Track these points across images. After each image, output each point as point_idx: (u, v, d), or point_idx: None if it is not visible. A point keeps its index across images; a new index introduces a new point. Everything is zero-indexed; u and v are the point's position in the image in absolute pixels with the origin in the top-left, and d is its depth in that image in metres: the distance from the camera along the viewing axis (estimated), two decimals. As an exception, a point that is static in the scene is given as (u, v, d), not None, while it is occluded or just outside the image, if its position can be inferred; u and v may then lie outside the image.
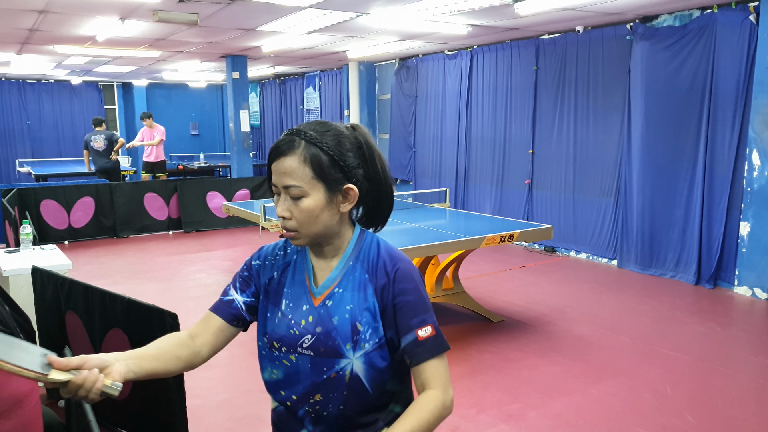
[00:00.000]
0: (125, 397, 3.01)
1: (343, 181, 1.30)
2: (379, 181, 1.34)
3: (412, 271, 1.31)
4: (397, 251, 1.35)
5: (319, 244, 1.35)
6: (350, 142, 1.32)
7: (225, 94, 16.30)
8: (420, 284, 1.30)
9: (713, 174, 5.82)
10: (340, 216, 1.33)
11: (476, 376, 3.97)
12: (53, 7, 5.72)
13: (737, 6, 5.51)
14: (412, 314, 1.27)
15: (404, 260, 1.32)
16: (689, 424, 3.31)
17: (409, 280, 1.29)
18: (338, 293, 1.32)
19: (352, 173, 1.30)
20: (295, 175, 1.27)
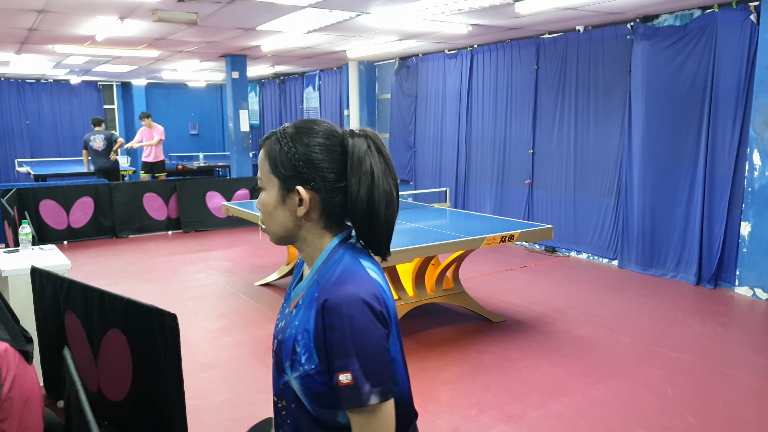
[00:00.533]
0: (124, 397, 3.00)
1: (295, 182, 1.22)
2: (355, 200, 1.21)
3: (342, 307, 1.12)
4: (346, 279, 1.17)
5: (299, 248, 1.30)
6: (326, 143, 1.22)
7: (224, 93, 16.29)
8: (350, 322, 1.11)
9: (714, 174, 5.81)
10: (301, 221, 1.25)
11: (476, 376, 3.96)
12: (52, 6, 5.70)
13: (738, 5, 5.50)
14: (335, 354, 1.12)
15: (342, 293, 1.14)
16: (690, 425, 3.30)
17: (335, 316, 1.12)
18: (299, 305, 1.24)
19: (309, 175, 1.21)
20: (260, 167, 1.27)
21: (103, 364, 3.09)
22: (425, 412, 3.50)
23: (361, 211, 1.21)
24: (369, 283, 1.18)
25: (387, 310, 1.19)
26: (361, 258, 1.24)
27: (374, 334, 1.13)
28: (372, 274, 1.21)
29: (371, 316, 1.13)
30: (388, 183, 1.23)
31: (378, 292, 1.17)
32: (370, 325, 1.13)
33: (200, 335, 4.75)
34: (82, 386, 1.91)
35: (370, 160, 1.21)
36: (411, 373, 4.22)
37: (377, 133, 1.37)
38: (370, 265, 1.24)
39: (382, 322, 1.15)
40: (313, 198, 1.22)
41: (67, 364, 2.13)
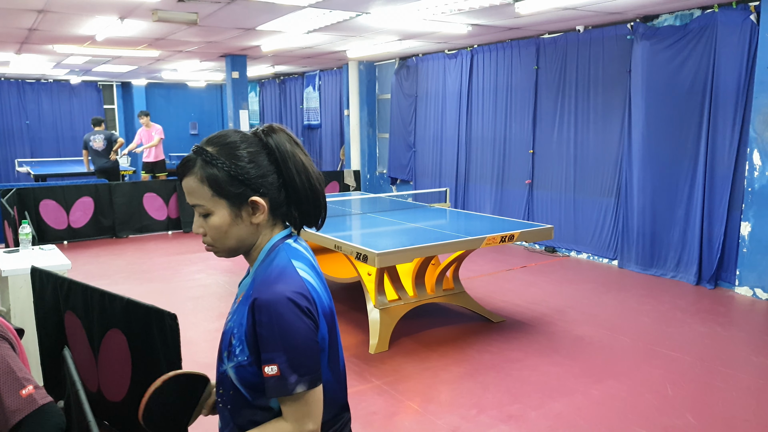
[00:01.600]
0: (124, 397, 3.00)
1: (247, 194, 1.28)
2: (295, 187, 1.31)
3: (270, 305, 1.21)
4: (276, 279, 1.25)
5: (249, 253, 1.36)
6: (252, 151, 1.29)
7: (224, 93, 16.29)
8: (277, 319, 1.20)
9: (714, 174, 5.81)
10: (257, 227, 1.32)
11: (476, 376, 3.96)
12: (53, 6, 5.70)
13: (738, 5, 5.50)
14: (263, 348, 1.21)
15: (270, 292, 1.22)
16: (690, 425, 3.30)
17: (264, 313, 1.21)
18: (239, 301, 1.33)
19: (256, 184, 1.28)
20: (196, 194, 1.29)
21: (103, 364, 3.09)
22: (425, 412, 3.50)
23: (308, 197, 1.32)
24: (297, 282, 1.25)
25: (315, 306, 1.26)
26: (294, 258, 1.30)
27: (300, 329, 1.21)
28: (302, 273, 1.28)
29: (297, 312, 1.21)
30: (314, 165, 1.35)
31: (306, 290, 1.25)
32: (296, 321, 1.21)
33: (200, 335, 4.75)
34: (82, 386, 1.91)
35: (296, 151, 1.32)
36: (411, 373, 4.22)
37: (377, 133, 1.38)
38: (301, 265, 1.30)
39: (308, 317, 1.22)
40: (265, 202, 1.30)
41: (67, 364, 2.13)
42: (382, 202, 6.75)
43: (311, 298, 1.25)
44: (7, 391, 1.66)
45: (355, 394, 3.72)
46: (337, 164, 12.03)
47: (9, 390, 1.66)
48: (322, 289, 1.32)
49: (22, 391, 1.68)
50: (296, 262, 1.29)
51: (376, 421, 3.41)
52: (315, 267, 1.35)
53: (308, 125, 13.05)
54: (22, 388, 1.68)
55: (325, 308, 1.30)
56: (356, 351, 4.41)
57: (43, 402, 1.70)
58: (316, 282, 1.31)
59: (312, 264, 1.35)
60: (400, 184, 10.47)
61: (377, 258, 3.85)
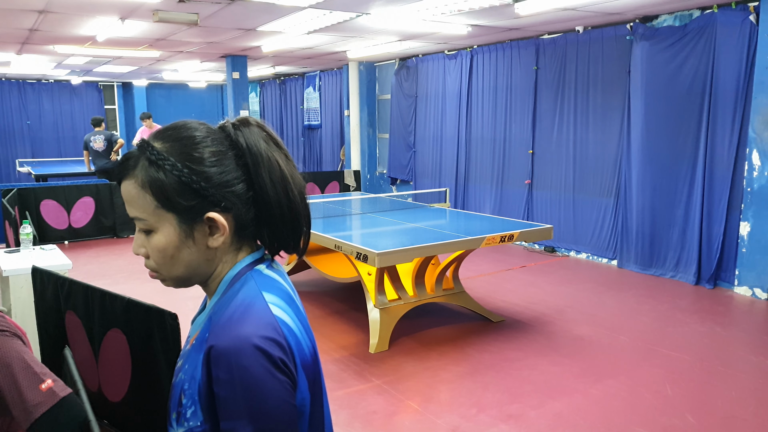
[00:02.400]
0: (124, 396, 3.01)
1: (204, 209, 0.96)
2: (268, 202, 0.98)
3: (231, 355, 0.88)
4: (240, 318, 0.92)
5: (206, 284, 1.05)
6: (215, 150, 0.97)
7: (225, 94, 16.30)
8: (240, 375, 0.88)
9: (713, 174, 5.82)
10: (215, 251, 1.00)
11: (476, 376, 3.97)
12: (53, 7, 5.72)
13: (737, 6, 5.51)
14: (222, 415, 0.90)
15: (231, 337, 0.90)
16: (689, 424, 3.31)
17: (222, 367, 0.89)
18: (191, 344, 1.01)
19: (217, 195, 0.96)
20: (136, 204, 0.99)
21: (104, 364, 3.11)
22: (425, 411, 3.51)
23: (284, 215, 1.00)
24: (267, 322, 0.93)
25: (293, 356, 0.94)
26: (265, 290, 0.98)
27: (272, 389, 0.89)
28: (276, 311, 0.96)
29: (267, 365, 0.89)
30: (295, 171, 1.02)
31: (280, 334, 0.93)
32: (265, 378, 0.89)
33: (201, 335, 4.75)
34: (83, 386, 1.92)
35: (274, 154, 0.99)
36: (411, 373, 4.23)
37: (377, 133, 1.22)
38: (275, 299, 0.98)
39: (283, 371, 0.91)
40: (227, 220, 0.98)
41: (68, 364, 2.14)
42: (382, 202, 6.76)
43: (287, 345, 0.93)
44: (28, 386, 1.68)
45: (355, 394, 3.73)
46: (337, 164, 12.04)
47: (29, 385, 1.68)
48: (302, 333, 0.99)
49: (41, 385, 1.70)
50: (269, 296, 0.97)
51: (376, 421, 3.42)
52: (295, 301, 1.02)
53: (308, 125, 13.06)
54: (42, 382, 1.70)
55: (306, 358, 0.98)
56: (356, 351, 4.42)
57: (63, 394, 1.72)
58: (295, 323, 0.98)
59: (290, 297, 1.02)
60: (400, 184, 10.48)
61: (377, 258, 3.87)
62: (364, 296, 4.73)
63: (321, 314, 5.23)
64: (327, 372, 4.05)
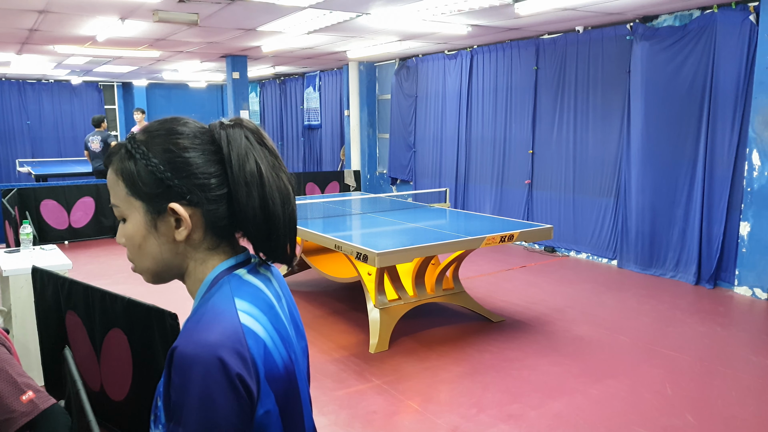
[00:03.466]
0: (125, 397, 3.01)
1: (168, 199, 0.96)
2: (245, 207, 0.95)
3: (187, 361, 0.86)
4: (206, 324, 0.90)
5: (184, 282, 1.03)
6: (200, 144, 0.97)
7: (225, 94, 16.30)
8: (191, 383, 0.85)
9: (713, 174, 5.82)
10: (181, 246, 0.98)
11: (476, 376, 3.97)
12: (53, 7, 5.72)
13: (737, 6, 5.51)
14: (168, 415, 0.88)
15: (191, 342, 0.87)
16: (689, 424, 3.31)
17: (178, 371, 0.86)
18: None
19: (183, 187, 0.95)
20: (112, 191, 1.00)
21: (105, 364, 3.11)
22: (425, 411, 3.51)
23: (256, 218, 0.96)
24: (232, 331, 0.89)
25: (256, 370, 0.89)
26: (239, 296, 0.95)
27: (219, 405, 0.85)
28: (245, 319, 0.92)
29: (221, 379, 0.85)
30: (281, 178, 0.98)
31: (243, 346, 0.88)
32: (216, 392, 0.85)
33: (201, 335, 4.75)
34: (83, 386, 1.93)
35: (254, 154, 0.97)
36: (411, 373, 4.21)
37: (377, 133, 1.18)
38: (248, 306, 0.94)
39: (236, 388, 0.86)
40: (194, 214, 0.96)
41: (68, 364, 2.14)
42: (382, 202, 6.76)
43: (250, 358, 0.88)
44: (8, 397, 1.68)
45: (355, 394, 3.73)
46: (337, 164, 12.04)
47: (10, 396, 1.68)
48: (276, 344, 0.94)
49: (22, 396, 1.69)
50: (241, 303, 0.93)
51: (376, 421, 3.42)
52: (274, 309, 0.98)
53: (308, 125, 13.06)
54: (23, 393, 1.70)
55: (275, 370, 0.93)
56: (356, 351, 4.42)
57: (45, 406, 1.72)
58: (268, 333, 0.94)
59: (269, 305, 0.97)
60: (400, 184, 10.49)
61: (377, 258, 3.87)
62: (364, 296, 4.73)
63: (321, 314, 5.23)
64: (327, 372, 4.05)
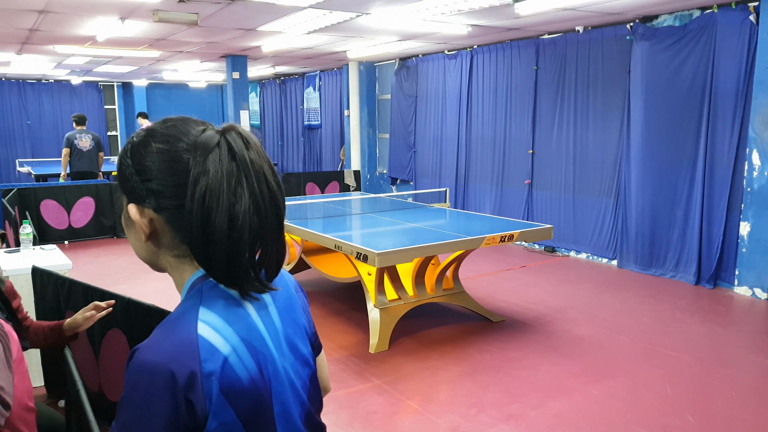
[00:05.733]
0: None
1: (130, 199, 0.97)
2: (187, 212, 0.89)
3: (134, 365, 0.86)
4: (162, 330, 0.90)
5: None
6: (170, 151, 0.93)
7: (225, 94, 16.30)
8: (133, 390, 0.84)
9: (713, 174, 5.82)
10: (152, 246, 0.99)
11: (476, 376, 3.97)
12: (53, 7, 5.72)
13: (737, 6, 5.51)
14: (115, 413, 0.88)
15: (143, 347, 0.87)
16: (689, 424, 3.31)
17: (129, 371, 0.86)
18: None
19: (141, 191, 0.94)
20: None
21: (104, 364, 3.11)
22: (425, 411, 3.51)
23: (195, 229, 0.89)
24: (185, 342, 0.86)
25: (204, 380, 0.85)
26: (206, 304, 0.92)
27: (154, 414, 0.83)
28: (203, 330, 0.88)
29: (159, 388, 0.83)
30: (233, 193, 0.89)
31: (193, 358, 0.85)
32: (151, 399, 0.83)
33: (201, 335, 4.75)
34: (83, 386, 1.93)
35: (212, 161, 0.90)
36: (411, 372, 4.21)
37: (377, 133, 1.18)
38: (211, 316, 0.90)
39: (175, 402, 0.83)
40: (156, 220, 0.95)
41: (67, 364, 2.14)
42: (382, 202, 6.76)
43: (200, 371, 0.85)
44: None
45: (355, 394, 3.73)
46: (337, 164, 12.04)
47: None
48: (244, 357, 0.91)
49: None
50: (205, 312, 0.90)
51: (376, 420, 3.42)
52: (246, 320, 0.94)
53: (308, 125, 13.07)
54: None
55: (237, 384, 0.89)
56: (356, 350, 4.42)
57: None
58: (232, 344, 0.90)
59: (242, 316, 0.94)
60: (400, 184, 10.49)
61: (377, 258, 3.87)
62: (364, 296, 4.73)
63: (321, 314, 5.23)
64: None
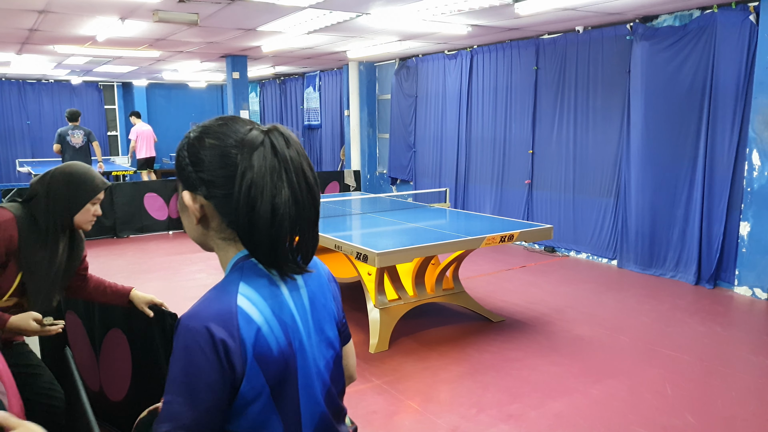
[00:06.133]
0: (124, 396, 3.01)
1: (185, 186, 1.11)
2: (236, 202, 1.04)
3: (181, 329, 1.00)
4: (206, 299, 1.04)
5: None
6: (220, 146, 1.07)
7: (225, 94, 16.30)
8: (181, 351, 0.99)
9: (713, 174, 5.82)
10: (202, 228, 1.12)
11: (476, 376, 3.97)
12: (53, 7, 5.72)
13: (737, 6, 5.51)
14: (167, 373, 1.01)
15: (187, 315, 1.01)
16: (689, 424, 3.31)
17: (175, 337, 1.01)
18: None
19: (194, 180, 1.08)
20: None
21: (105, 364, 3.11)
22: (425, 411, 3.51)
23: (241, 217, 1.04)
24: (226, 310, 1.01)
25: (241, 344, 0.99)
26: (245, 280, 1.06)
27: (202, 374, 0.98)
28: (242, 301, 1.03)
29: (207, 350, 0.97)
30: (275, 186, 1.04)
31: (231, 322, 1.00)
32: (200, 362, 0.97)
33: (201, 335, 4.75)
34: (83, 386, 1.93)
35: (257, 157, 1.04)
36: (411, 372, 4.22)
37: (377, 133, 1.27)
38: (250, 291, 1.04)
39: (221, 362, 0.98)
40: (206, 206, 1.09)
41: (68, 364, 2.14)
42: (382, 202, 6.76)
43: (238, 335, 0.99)
44: None
45: (355, 394, 3.73)
46: (337, 164, 12.04)
47: None
48: (272, 327, 1.04)
49: None
50: (244, 287, 1.04)
51: (376, 420, 3.42)
52: (280, 297, 1.08)
53: (308, 125, 13.07)
54: None
55: (268, 352, 1.03)
56: (356, 350, 4.42)
57: None
58: (265, 316, 1.04)
59: (275, 293, 1.08)
60: (400, 184, 10.49)
61: (377, 258, 3.87)
62: (364, 296, 4.73)
63: (321, 314, 5.23)
64: (327, 372, 4.04)
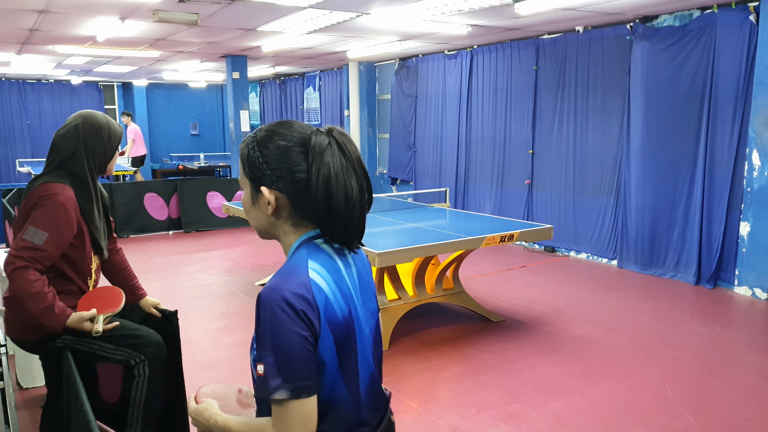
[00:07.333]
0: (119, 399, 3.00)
1: (260, 183, 1.30)
2: (314, 194, 1.25)
3: (266, 302, 1.20)
4: (282, 276, 1.24)
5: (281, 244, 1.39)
6: (284, 145, 1.28)
7: (225, 94, 16.30)
8: (270, 318, 1.19)
9: (713, 174, 5.82)
10: (272, 218, 1.33)
11: (476, 376, 3.97)
12: (53, 7, 5.72)
13: (737, 6, 5.51)
14: (258, 345, 1.22)
15: (270, 289, 1.21)
16: (689, 424, 3.31)
17: (261, 310, 1.21)
18: None
19: (271, 176, 1.28)
20: (239, 169, 1.37)
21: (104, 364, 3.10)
22: (425, 411, 3.51)
23: (319, 204, 1.25)
24: (301, 282, 1.22)
25: (318, 312, 1.21)
26: (312, 258, 1.27)
27: (291, 333, 1.18)
28: (313, 274, 1.24)
29: (291, 313, 1.18)
30: (346, 178, 1.26)
31: (308, 292, 1.21)
32: (287, 323, 1.18)
33: (201, 335, 4.76)
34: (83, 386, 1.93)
35: (328, 156, 1.26)
36: (411, 373, 4.21)
37: (377, 133, 1.36)
38: (317, 266, 1.26)
39: (304, 322, 1.19)
40: (280, 198, 1.29)
41: (67, 364, 2.15)
42: (382, 202, 6.76)
43: (313, 302, 1.21)
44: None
45: (355, 394, 3.73)
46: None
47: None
48: (337, 298, 1.26)
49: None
50: (312, 263, 1.26)
51: (376, 421, 3.42)
52: (339, 272, 1.30)
53: (308, 125, 13.07)
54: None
55: (334, 318, 1.24)
56: (356, 351, 4.41)
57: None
58: (331, 287, 1.26)
59: (335, 268, 1.30)
60: (400, 184, 10.49)
61: (377, 258, 3.87)
62: (364, 296, 4.72)
63: (321, 314, 5.23)
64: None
